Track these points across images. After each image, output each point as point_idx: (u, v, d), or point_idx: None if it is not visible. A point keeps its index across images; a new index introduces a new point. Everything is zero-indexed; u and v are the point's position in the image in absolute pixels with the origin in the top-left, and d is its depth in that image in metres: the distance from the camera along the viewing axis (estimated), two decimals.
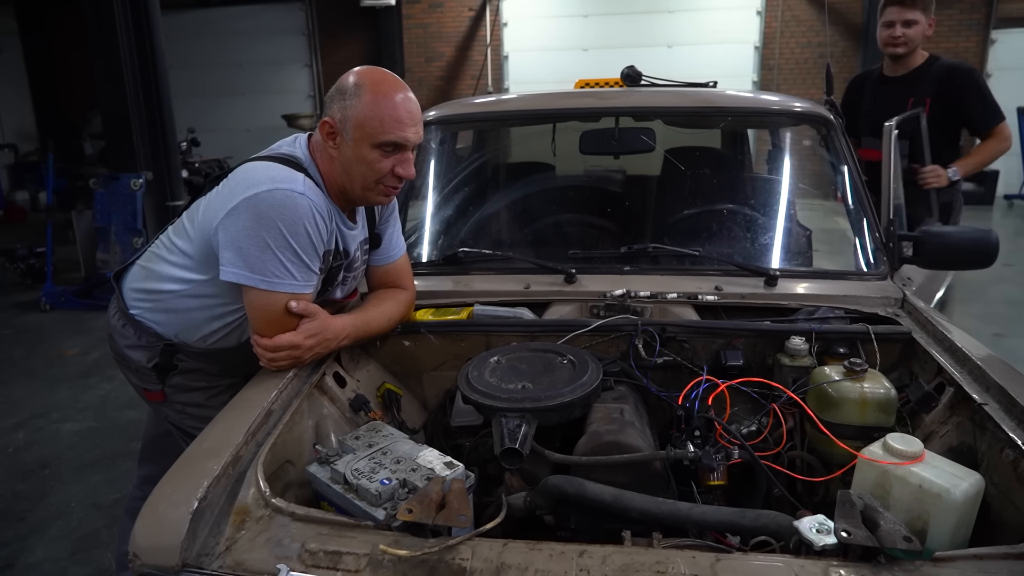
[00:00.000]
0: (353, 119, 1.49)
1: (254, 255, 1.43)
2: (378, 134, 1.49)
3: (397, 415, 1.70)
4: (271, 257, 1.44)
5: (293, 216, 1.44)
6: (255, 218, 1.43)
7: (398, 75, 1.57)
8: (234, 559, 1.08)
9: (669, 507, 1.18)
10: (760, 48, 11.30)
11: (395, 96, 1.50)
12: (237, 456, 1.25)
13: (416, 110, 1.54)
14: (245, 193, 1.45)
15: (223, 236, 1.46)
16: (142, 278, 1.71)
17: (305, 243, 1.47)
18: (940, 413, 1.42)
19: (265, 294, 1.46)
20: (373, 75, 1.52)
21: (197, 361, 1.72)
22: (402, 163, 1.55)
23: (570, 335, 1.69)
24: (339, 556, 1.05)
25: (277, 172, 1.49)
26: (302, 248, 1.46)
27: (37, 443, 3.49)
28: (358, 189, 1.57)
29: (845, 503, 1.10)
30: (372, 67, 1.56)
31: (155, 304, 1.68)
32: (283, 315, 1.48)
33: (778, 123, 2.39)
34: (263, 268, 1.44)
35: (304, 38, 12.73)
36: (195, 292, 1.61)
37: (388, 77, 1.54)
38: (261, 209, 1.43)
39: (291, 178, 1.48)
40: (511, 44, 12.11)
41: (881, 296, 1.82)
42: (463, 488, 1.17)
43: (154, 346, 1.70)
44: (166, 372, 1.71)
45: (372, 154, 1.51)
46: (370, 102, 1.48)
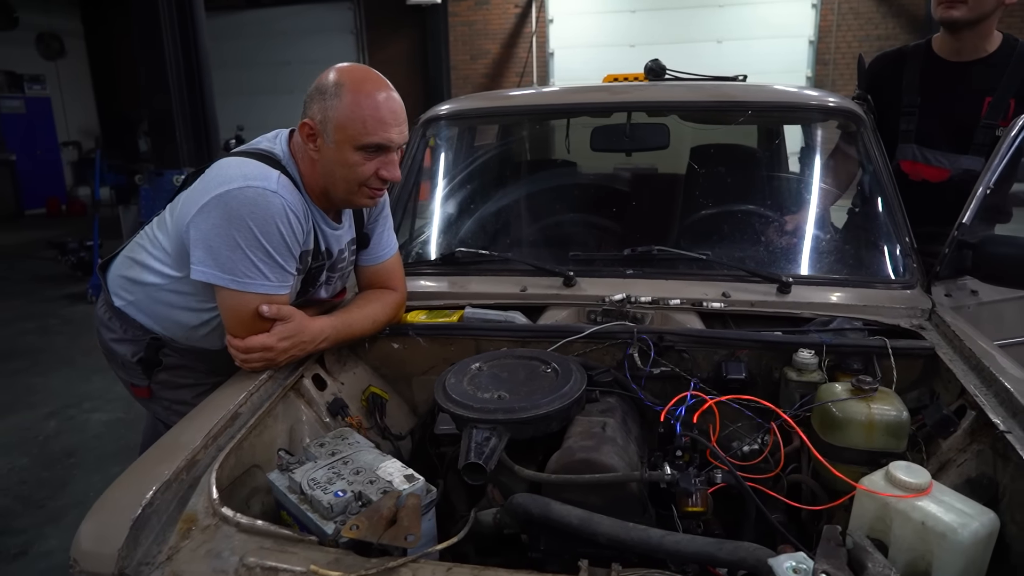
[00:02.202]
0: (334, 120, 1.43)
1: (224, 254, 1.39)
2: (360, 136, 1.43)
3: (380, 420, 1.64)
4: (241, 257, 1.39)
5: (264, 215, 1.39)
6: (225, 216, 1.39)
7: (444, 73, 1.52)
8: (172, 570, 1.03)
9: (639, 534, 1.08)
10: (815, 42, 10.89)
11: (377, 95, 1.43)
12: (193, 461, 1.21)
13: (399, 109, 1.47)
14: (216, 190, 1.40)
15: (194, 234, 1.42)
16: (126, 267, 1.69)
17: (278, 243, 1.42)
18: (959, 439, 1.28)
19: (236, 294, 1.42)
20: (355, 73, 1.46)
21: (183, 357, 1.70)
22: (386, 165, 1.48)
23: (561, 342, 1.60)
24: (275, 573, 0.99)
25: (250, 169, 1.44)
26: (274, 248, 1.42)
27: (66, 432, 3.59)
28: (341, 192, 1.51)
29: (830, 541, 0.99)
30: (354, 64, 1.49)
31: (138, 296, 1.66)
32: (256, 316, 1.43)
33: (802, 119, 2.24)
34: (233, 268, 1.40)
35: (352, 37, 12.91)
36: (174, 288, 1.58)
37: (370, 75, 1.47)
38: (232, 207, 1.39)
39: (264, 175, 1.43)
40: (557, 41, 12.01)
41: (906, 307, 1.68)
42: (417, 505, 1.11)
43: (140, 340, 1.68)
44: (152, 367, 1.69)
45: (354, 157, 1.45)
46: (351, 102, 1.42)
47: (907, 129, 2.24)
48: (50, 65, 12.30)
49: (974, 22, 2.09)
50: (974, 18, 2.07)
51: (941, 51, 2.23)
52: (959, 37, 2.16)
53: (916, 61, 2.25)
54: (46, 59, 12.26)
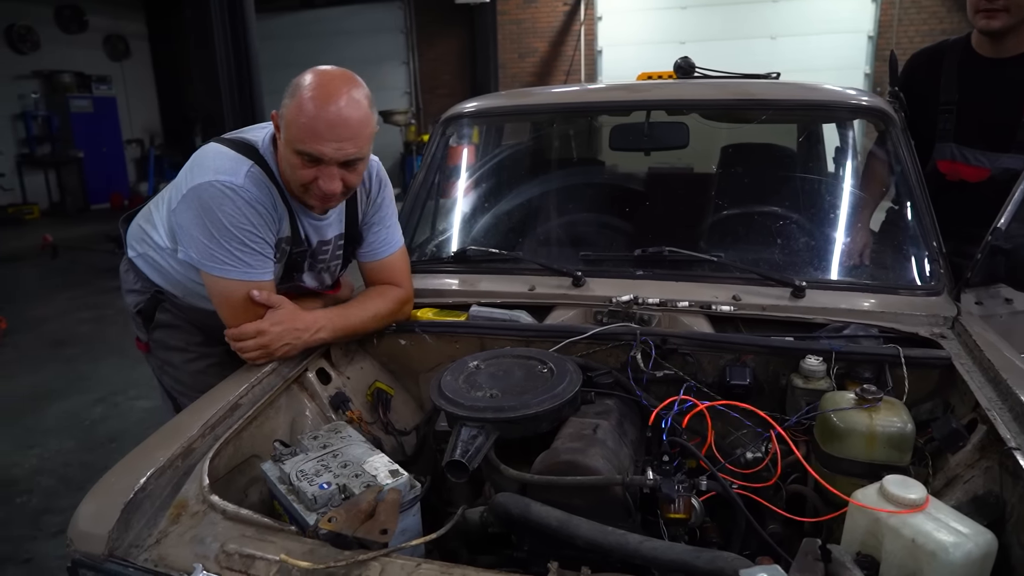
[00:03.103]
0: (285, 118, 1.45)
1: (203, 243, 1.47)
2: (296, 141, 1.43)
3: (383, 415, 1.66)
4: (218, 246, 1.46)
5: (232, 208, 1.44)
6: (199, 209, 1.46)
7: (491, 71, 1.51)
8: (159, 553, 1.07)
9: (617, 538, 1.07)
10: (874, 38, 10.49)
11: (325, 106, 1.39)
12: (189, 448, 1.25)
13: (346, 124, 1.41)
14: (192, 183, 1.47)
15: (177, 220, 1.52)
16: (143, 220, 1.77)
17: (249, 233, 1.47)
18: (968, 455, 1.22)
19: (220, 280, 1.48)
20: (318, 78, 1.44)
21: (178, 317, 1.76)
22: (324, 176, 1.46)
23: (564, 342, 1.59)
24: (252, 560, 1.02)
25: (222, 162, 1.49)
26: (247, 237, 1.46)
27: (111, 417, 3.76)
28: (292, 190, 1.54)
29: (807, 555, 0.95)
30: (328, 69, 1.46)
31: (146, 250, 1.74)
32: (245, 302, 1.48)
33: (827, 118, 2.16)
34: (212, 256, 1.47)
35: (402, 36, 13.08)
36: (172, 255, 1.66)
37: (331, 84, 1.42)
38: (203, 200, 1.45)
39: (233, 170, 1.47)
40: (605, 38, 11.90)
41: (927, 314, 1.60)
42: (396, 500, 1.12)
43: (145, 292, 1.76)
44: (149, 320, 1.77)
45: (294, 159, 1.46)
46: (297, 106, 1.41)
47: (945, 128, 2.15)
48: (116, 66, 12.85)
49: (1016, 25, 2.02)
50: (1015, 23, 2.01)
51: (980, 47, 2.14)
52: (997, 38, 2.09)
53: (954, 58, 2.16)
54: (112, 60, 12.82)
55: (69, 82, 11.54)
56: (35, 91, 11.29)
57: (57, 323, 5.57)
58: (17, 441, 3.55)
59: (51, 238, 7.51)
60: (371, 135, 1.48)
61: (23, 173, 11.20)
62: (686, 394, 1.36)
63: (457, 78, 12.77)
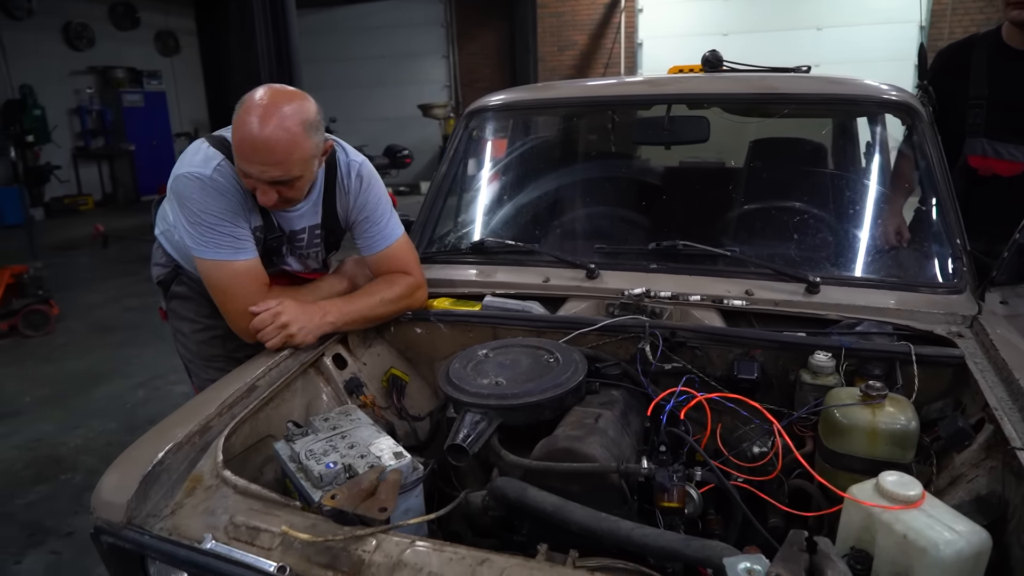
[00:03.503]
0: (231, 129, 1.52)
1: (188, 229, 1.59)
2: (234, 154, 1.51)
3: (397, 401, 1.70)
4: (196, 230, 1.57)
5: (199, 196, 1.55)
6: (179, 199, 1.59)
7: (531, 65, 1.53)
8: (173, 523, 1.14)
9: (610, 524, 1.09)
10: (926, 28, 10.15)
11: (252, 130, 1.44)
12: (207, 426, 1.32)
13: (270, 150, 1.45)
14: (174, 174, 1.61)
15: (170, 207, 1.67)
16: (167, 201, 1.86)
17: (217, 218, 1.56)
18: (973, 454, 1.21)
19: (204, 261, 1.60)
20: (254, 100, 1.47)
21: (192, 290, 1.89)
22: (259, 189, 1.53)
23: (573, 333, 1.61)
24: (257, 532, 1.08)
25: (198, 156, 1.60)
26: (217, 222, 1.56)
27: (152, 401, 3.91)
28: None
29: (793, 545, 0.96)
30: (269, 90, 1.49)
31: (166, 228, 1.86)
32: (231, 278, 1.59)
33: (850, 112, 2.12)
34: (194, 239, 1.58)
35: (442, 30, 13.17)
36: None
37: (264, 107, 1.45)
38: (180, 191, 1.58)
39: (204, 163, 1.57)
40: (646, 30, 11.79)
41: (945, 312, 1.57)
42: (397, 480, 1.16)
43: (167, 265, 1.91)
44: (167, 291, 1.92)
45: (238, 165, 1.53)
46: (236, 122, 1.49)
47: (975, 123, 2.12)
48: (166, 61, 13.24)
49: None
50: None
51: (1011, 40, 2.09)
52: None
53: (984, 51, 2.12)
54: (163, 56, 13.21)
55: (121, 77, 11.95)
56: (90, 86, 11.72)
57: (105, 310, 5.80)
58: (64, 422, 3.72)
59: (102, 228, 7.80)
60: (304, 158, 1.50)
61: (78, 166, 11.65)
62: (686, 386, 1.37)
63: (496, 71, 12.81)
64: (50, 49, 11.15)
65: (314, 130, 1.51)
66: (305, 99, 1.52)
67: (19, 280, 5.15)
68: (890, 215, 2.00)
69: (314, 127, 1.51)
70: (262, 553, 1.04)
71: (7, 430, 3.66)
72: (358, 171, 1.76)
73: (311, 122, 1.50)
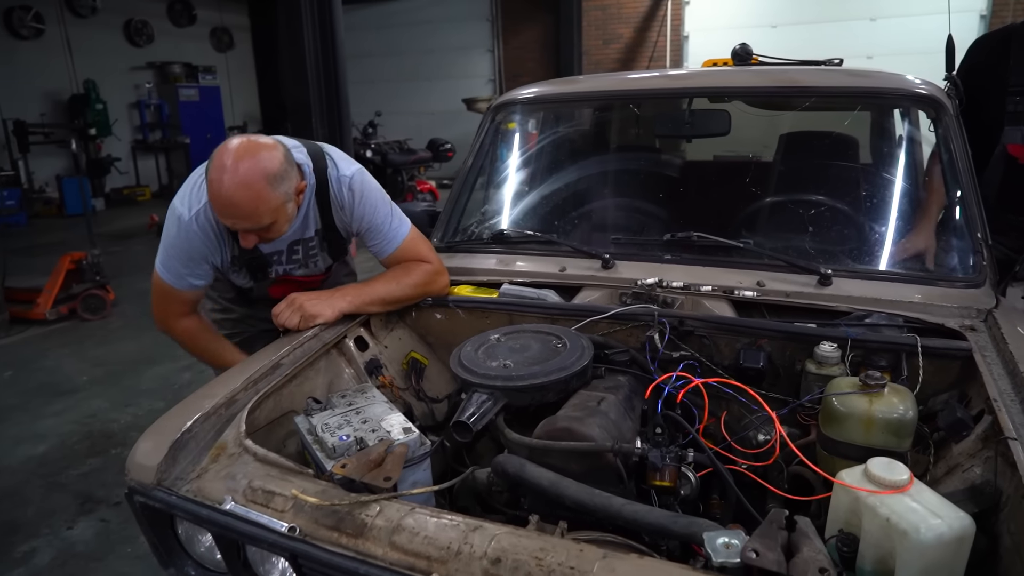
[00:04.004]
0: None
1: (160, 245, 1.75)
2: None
3: (415, 383, 1.78)
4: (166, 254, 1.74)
5: (176, 233, 1.70)
6: (165, 221, 1.75)
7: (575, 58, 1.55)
8: (198, 486, 1.23)
9: (602, 500, 1.14)
10: (987, 17, 9.75)
11: (218, 188, 1.52)
12: (232, 399, 1.41)
13: (236, 207, 1.52)
14: (176, 197, 1.73)
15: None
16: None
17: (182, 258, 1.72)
18: (971, 444, 1.21)
19: (157, 275, 1.76)
20: (217, 158, 1.52)
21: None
22: (239, 233, 1.62)
23: (585, 320, 1.66)
24: (272, 496, 1.16)
25: (193, 190, 1.69)
26: (181, 259, 1.72)
27: (196, 383, 4.08)
28: None
29: (772, 523, 1.00)
30: (230, 147, 1.53)
31: None
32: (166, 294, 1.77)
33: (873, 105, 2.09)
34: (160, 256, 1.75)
35: (488, 24, 13.23)
36: None
37: (226, 166, 1.50)
38: (167, 217, 1.73)
39: (192, 200, 1.68)
40: (692, 23, 11.63)
41: (960, 306, 1.56)
42: (403, 453, 1.23)
43: None
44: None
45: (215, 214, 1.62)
46: (207, 176, 1.55)
47: (1016, 111, 2.10)
48: (221, 57, 13.68)
49: None
50: None
51: None
52: None
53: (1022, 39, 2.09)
54: (217, 51, 13.65)
55: (178, 72, 12.40)
56: (148, 81, 12.20)
57: None
58: (116, 400, 3.94)
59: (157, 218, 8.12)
60: (271, 209, 1.55)
61: (136, 158, 12.15)
62: (684, 371, 1.40)
63: (540, 65, 12.81)
64: (112, 45, 11.66)
65: (279, 180, 1.55)
66: (270, 150, 1.55)
67: (79, 266, 5.43)
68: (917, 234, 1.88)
69: (278, 178, 1.54)
70: (275, 515, 1.13)
71: (64, 407, 3.90)
72: (349, 185, 1.77)
73: (274, 174, 1.53)
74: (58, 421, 3.73)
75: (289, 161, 1.60)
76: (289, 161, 1.60)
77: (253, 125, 14.21)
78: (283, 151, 1.59)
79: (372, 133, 10.78)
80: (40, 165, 10.50)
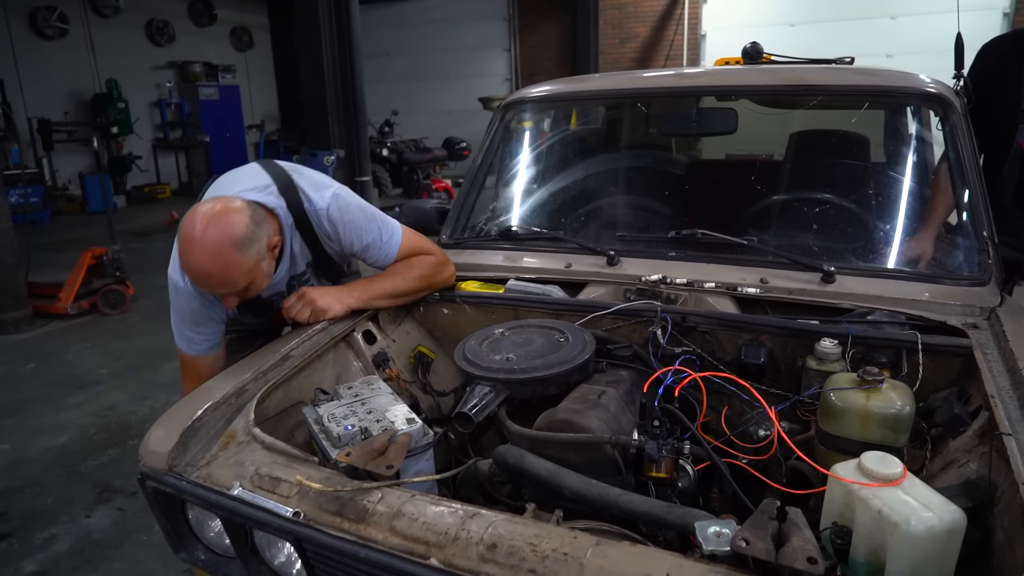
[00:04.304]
0: None
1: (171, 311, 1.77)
2: None
3: (422, 376, 1.81)
4: (175, 321, 1.76)
5: (176, 297, 1.72)
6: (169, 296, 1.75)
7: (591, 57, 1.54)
8: (207, 472, 1.27)
9: (599, 490, 1.16)
10: (1011, 15, 9.62)
11: (188, 261, 1.52)
12: (242, 389, 1.45)
13: (208, 277, 1.53)
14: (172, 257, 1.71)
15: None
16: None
17: (185, 320, 1.73)
18: (967, 440, 1.22)
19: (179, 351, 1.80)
20: (183, 230, 1.51)
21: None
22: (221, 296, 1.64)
23: (589, 316, 1.68)
24: (278, 482, 1.19)
25: (174, 257, 1.66)
26: (185, 322, 1.73)
27: None
28: None
29: (764, 513, 1.01)
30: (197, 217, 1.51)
31: None
32: (185, 363, 1.80)
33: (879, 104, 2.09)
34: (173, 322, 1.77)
35: (504, 23, 13.26)
36: None
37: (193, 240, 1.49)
38: (170, 292, 1.74)
39: (178, 268, 1.66)
40: (710, 21, 11.58)
41: (963, 304, 1.56)
42: (405, 442, 1.26)
43: None
44: None
45: None
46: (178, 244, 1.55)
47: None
48: (240, 56, 13.84)
49: None
50: None
51: None
52: None
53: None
54: (237, 51, 13.82)
55: (199, 72, 12.57)
56: (169, 80, 12.38)
57: None
58: (134, 393, 4.03)
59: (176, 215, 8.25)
60: (243, 273, 1.53)
61: (157, 156, 12.34)
62: (682, 365, 1.42)
63: (557, 64, 12.82)
64: (134, 45, 11.86)
65: (248, 244, 1.52)
66: (235, 213, 1.52)
67: (99, 262, 5.55)
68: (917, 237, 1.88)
69: (247, 241, 1.51)
70: (281, 500, 1.16)
71: (84, 399, 3.99)
72: (328, 216, 1.74)
73: (242, 238, 1.50)
74: (78, 413, 3.82)
75: (256, 220, 1.55)
76: (256, 220, 1.55)
77: (271, 123, 14.37)
78: (249, 212, 1.54)
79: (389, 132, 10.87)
80: (63, 163, 10.71)
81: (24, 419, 3.77)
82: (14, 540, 2.71)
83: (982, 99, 2.05)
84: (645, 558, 0.96)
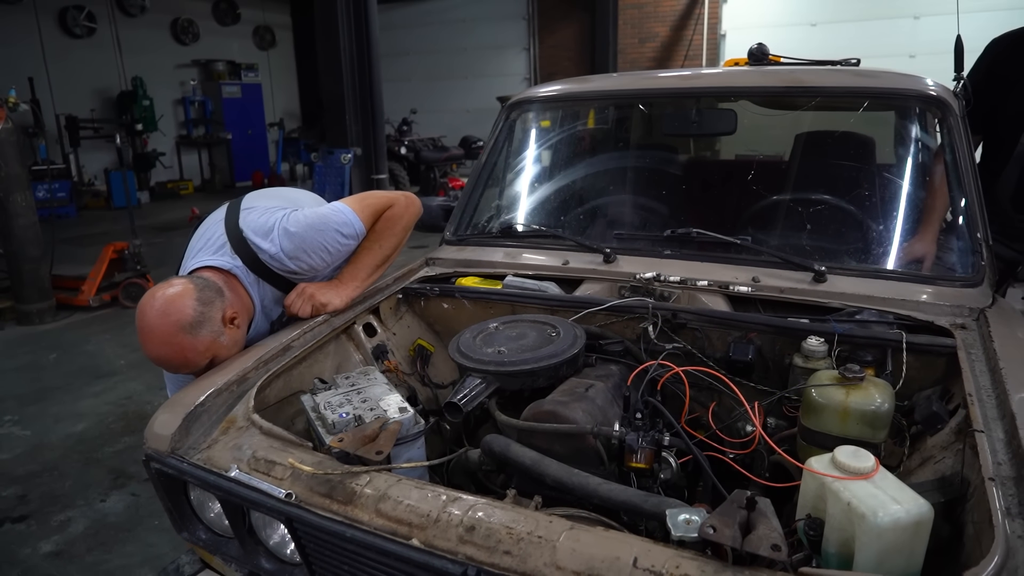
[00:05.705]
0: None
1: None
2: None
3: (421, 369, 1.86)
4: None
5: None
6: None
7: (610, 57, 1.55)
8: (208, 455, 1.33)
9: (580, 479, 1.20)
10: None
11: (147, 349, 1.55)
12: (244, 377, 1.51)
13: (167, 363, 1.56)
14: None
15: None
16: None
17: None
18: (944, 437, 1.24)
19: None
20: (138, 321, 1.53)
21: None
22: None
23: (582, 312, 1.72)
24: (273, 465, 1.25)
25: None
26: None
27: None
28: None
29: (733, 502, 1.04)
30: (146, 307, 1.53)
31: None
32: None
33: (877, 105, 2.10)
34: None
35: (524, 23, 13.30)
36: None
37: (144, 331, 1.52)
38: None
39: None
40: (730, 22, 11.51)
41: (952, 304, 1.58)
42: (396, 430, 1.31)
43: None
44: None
45: None
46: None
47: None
48: (263, 54, 14.03)
49: None
50: None
51: None
52: None
53: None
54: (259, 49, 14.00)
55: (222, 70, 12.77)
56: (193, 78, 12.59)
57: None
58: (151, 383, 4.13)
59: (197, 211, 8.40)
60: (200, 352, 1.53)
61: (180, 153, 12.55)
62: (666, 359, 1.45)
63: (575, 64, 12.83)
64: (159, 44, 12.08)
65: (198, 326, 1.52)
66: (180, 299, 1.52)
67: (121, 256, 5.68)
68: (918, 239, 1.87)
69: (196, 324, 1.51)
70: (275, 482, 1.22)
71: (103, 388, 4.10)
72: (286, 255, 1.71)
73: (191, 322, 1.51)
74: (97, 402, 3.93)
75: (204, 301, 1.55)
76: (204, 301, 1.55)
77: (292, 121, 14.54)
78: (195, 294, 1.54)
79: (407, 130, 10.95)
80: (89, 159, 10.95)
81: (45, 407, 3.89)
82: (32, 522, 2.81)
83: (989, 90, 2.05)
84: (616, 542, 1.00)
